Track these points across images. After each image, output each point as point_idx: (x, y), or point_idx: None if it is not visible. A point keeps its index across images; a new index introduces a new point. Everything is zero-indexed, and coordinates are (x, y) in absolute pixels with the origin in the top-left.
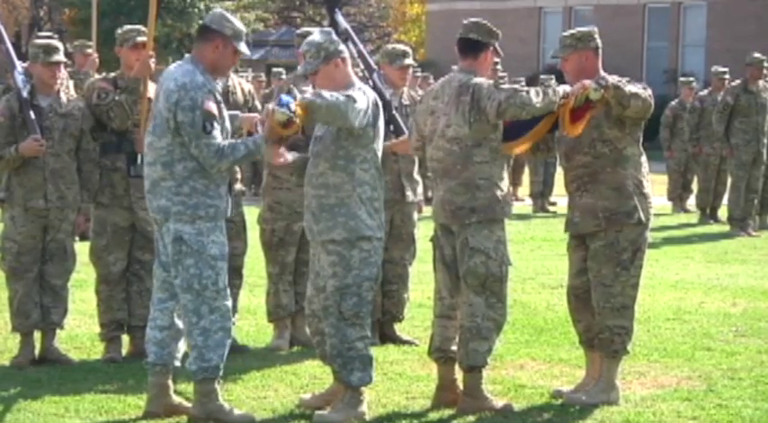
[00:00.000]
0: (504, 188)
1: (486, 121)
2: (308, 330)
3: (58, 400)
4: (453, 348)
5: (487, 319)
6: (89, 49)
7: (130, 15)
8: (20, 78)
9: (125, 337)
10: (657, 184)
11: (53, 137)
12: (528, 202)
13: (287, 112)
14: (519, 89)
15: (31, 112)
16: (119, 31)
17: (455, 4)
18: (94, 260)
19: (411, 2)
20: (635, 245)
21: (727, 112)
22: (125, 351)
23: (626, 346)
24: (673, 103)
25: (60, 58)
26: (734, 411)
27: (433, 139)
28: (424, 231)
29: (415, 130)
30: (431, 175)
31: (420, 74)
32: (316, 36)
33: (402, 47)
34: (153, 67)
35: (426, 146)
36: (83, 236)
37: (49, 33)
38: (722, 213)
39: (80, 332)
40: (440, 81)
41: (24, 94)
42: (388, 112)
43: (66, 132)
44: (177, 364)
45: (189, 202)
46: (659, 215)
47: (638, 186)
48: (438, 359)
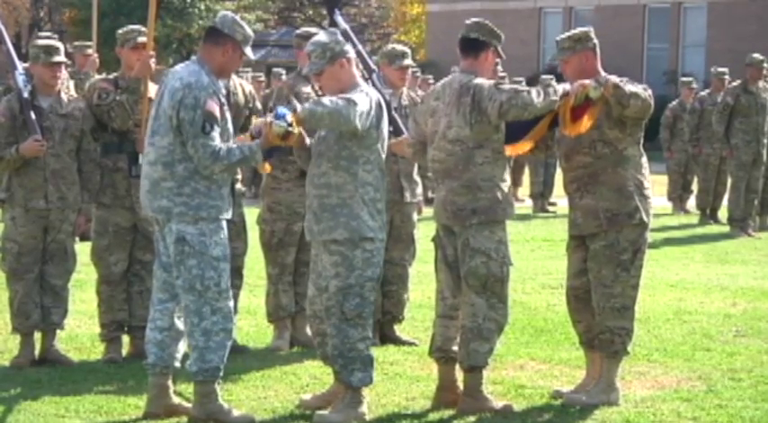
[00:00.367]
0: (506, 189)
1: (488, 122)
2: (308, 331)
3: (58, 401)
4: (454, 348)
5: (489, 319)
6: (89, 50)
7: (130, 16)
8: (20, 79)
9: (125, 338)
10: (657, 185)
11: (54, 137)
12: (528, 202)
13: (284, 125)
14: (520, 89)
15: (32, 113)
16: (119, 32)
17: (455, 4)
18: (96, 260)
19: (411, 2)
20: (635, 245)
21: (727, 113)
22: (125, 352)
23: (626, 347)
24: (673, 103)
25: (61, 58)
26: (734, 412)
27: (435, 140)
28: (423, 232)
29: (414, 130)
30: (432, 175)
31: (420, 75)
32: (321, 36)
33: (401, 47)
34: (153, 67)
35: (428, 147)
36: (83, 236)
37: (49, 34)
38: (722, 214)
39: (80, 333)
40: (441, 82)
41: (25, 94)
42: (388, 112)
43: (67, 133)
44: (177, 364)
45: (191, 203)
46: (659, 215)
47: (638, 187)
48: (439, 359)
